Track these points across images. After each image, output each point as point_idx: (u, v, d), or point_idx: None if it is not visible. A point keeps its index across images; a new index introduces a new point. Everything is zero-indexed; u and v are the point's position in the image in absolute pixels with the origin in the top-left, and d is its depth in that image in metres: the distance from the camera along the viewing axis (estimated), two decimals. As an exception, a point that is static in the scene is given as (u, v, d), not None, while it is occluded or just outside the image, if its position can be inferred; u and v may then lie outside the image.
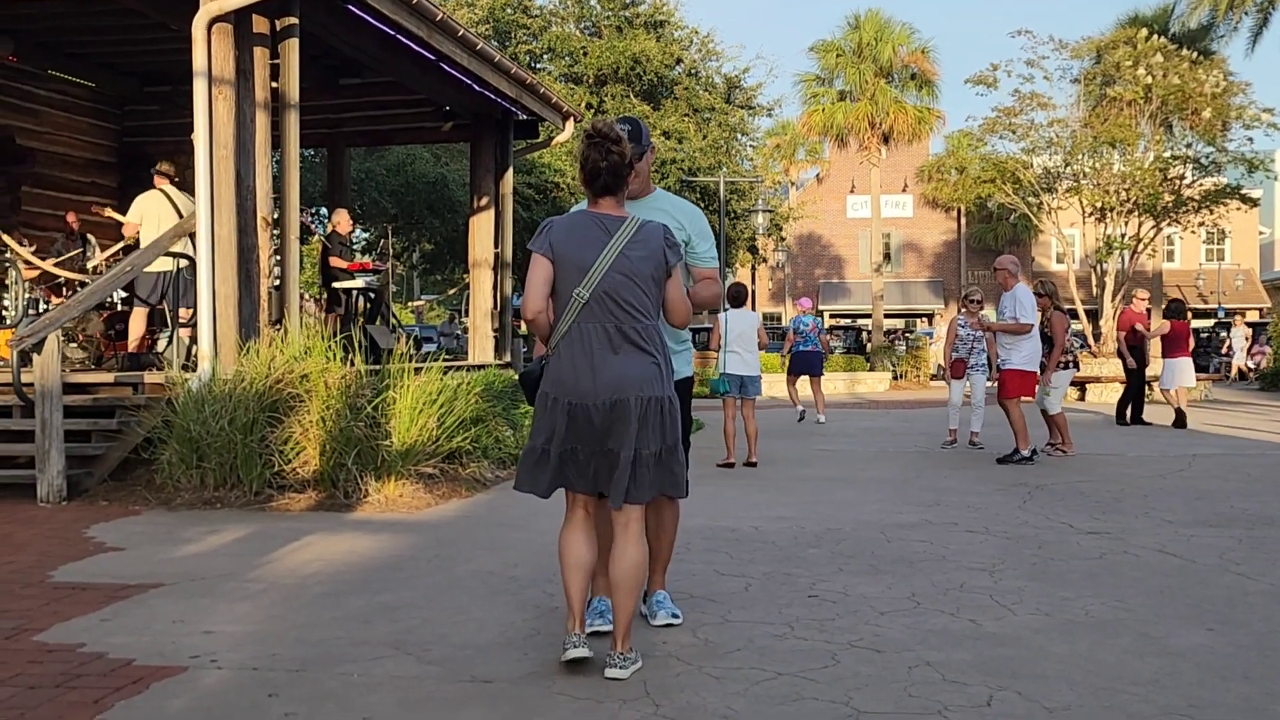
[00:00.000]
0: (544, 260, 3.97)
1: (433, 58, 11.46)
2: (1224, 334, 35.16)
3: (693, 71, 29.38)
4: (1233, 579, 5.56)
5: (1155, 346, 16.49)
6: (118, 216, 11.17)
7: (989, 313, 13.23)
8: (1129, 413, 15.73)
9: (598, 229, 3.99)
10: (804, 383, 17.14)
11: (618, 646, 3.94)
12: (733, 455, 10.43)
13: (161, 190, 10.45)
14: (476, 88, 12.77)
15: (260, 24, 9.13)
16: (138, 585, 5.34)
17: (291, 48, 9.41)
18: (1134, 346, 15.65)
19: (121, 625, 4.62)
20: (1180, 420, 15.05)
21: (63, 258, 11.75)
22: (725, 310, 10.75)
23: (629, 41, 27.22)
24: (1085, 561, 5.97)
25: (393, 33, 10.46)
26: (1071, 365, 12.01)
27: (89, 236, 12.72)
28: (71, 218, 12.57)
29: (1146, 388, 16.51)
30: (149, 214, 10.41)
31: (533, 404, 4.16)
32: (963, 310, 13.12)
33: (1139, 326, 15.75)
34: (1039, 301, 11.33)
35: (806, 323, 16.90)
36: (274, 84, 9.35)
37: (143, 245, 10.25)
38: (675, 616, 4.66)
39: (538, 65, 28.28)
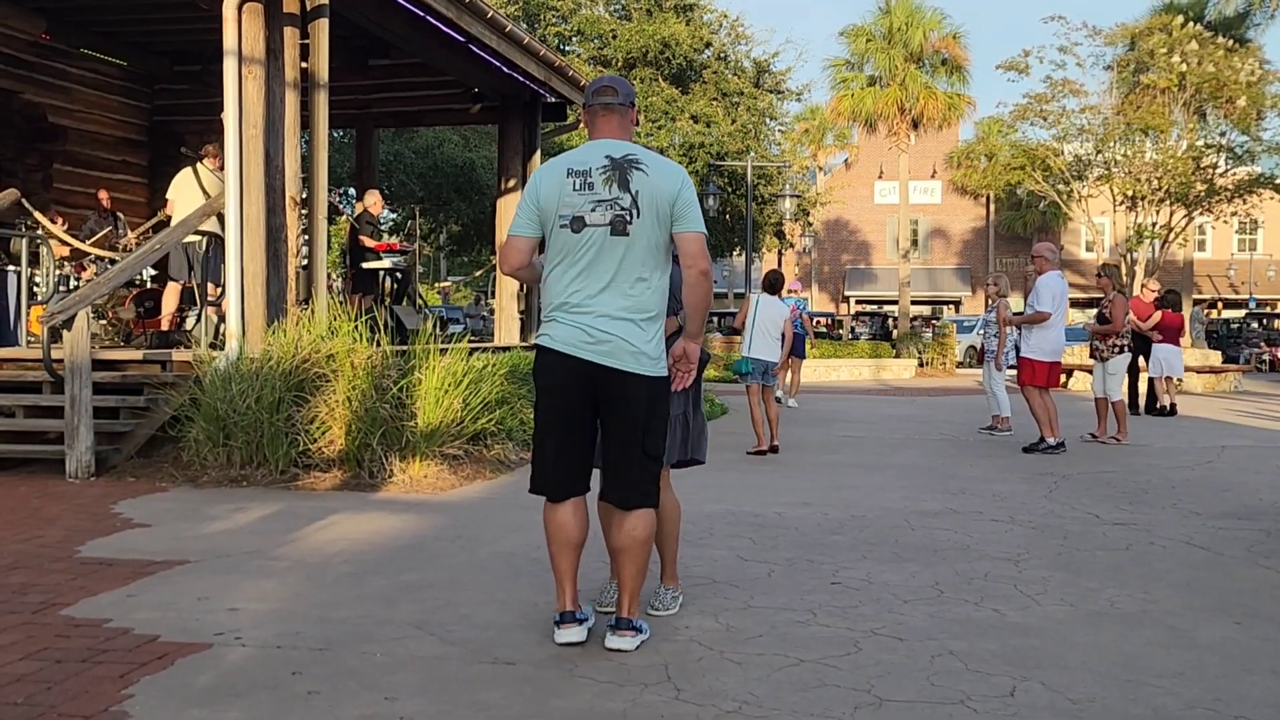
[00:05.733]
0: None
1: (462, 39, 11.45)
2: (1255, 325, 34.82)
3: (722, 55, 29.28)
4: (1261, 572, 5.51)
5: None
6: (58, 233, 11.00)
7: (1015, 300, 13.15)
8: (1141, 402, 15.68)
9: None
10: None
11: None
12: (764, 443, 10.39)
13: (194, 170, 10.51)
14: (505, 70, 12.75)
15: (290, 4, 9.14)
16: (164, 562, 5.38)
17: (321, 28, 9.42)
18: (1140, 335, 15.72)
19: (147, 601, 4.65)
20: (1166, 410, 15.35)
21: (95, 236, 11.84)
22: (757, 294, 10.71)
23: (658, 25, 27.14)
24: (1111, 552, 5.93)
25: (422, 13, 10.45)
26: (1128, 350, 11.90)
27: (119, 214, 12.80)
28: (103, 195, 12.65)
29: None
30: (179, 192, 10.50)
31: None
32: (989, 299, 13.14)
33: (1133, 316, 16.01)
34: (1099, 283, 11.20)
35: (797, 304, 16.78)
36: (304, 64, 9.36)
37: (172, 223, 10.32)
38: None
39: (567, 48, 28.26)
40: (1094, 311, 11.73)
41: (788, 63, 55.54)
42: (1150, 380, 15.67)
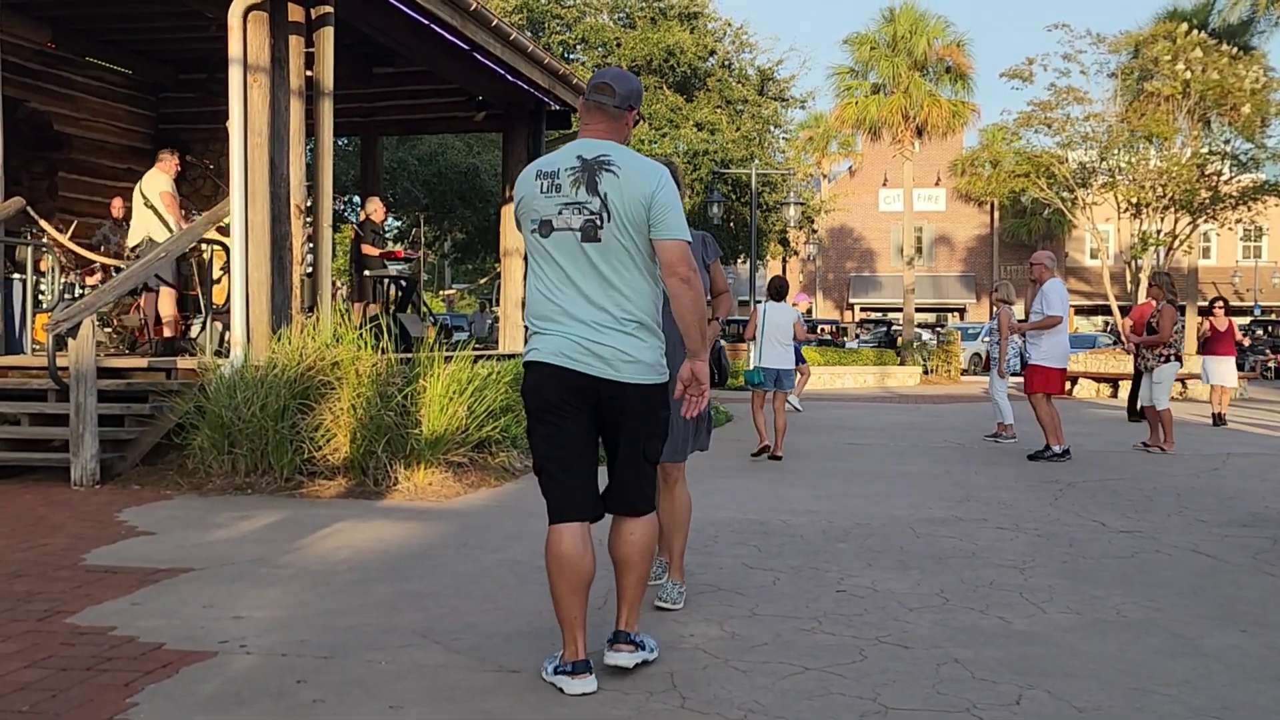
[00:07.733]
0: None
1: (466, 47, 11.47)
2: (1260, 331, 34.73)
3: (726, 63, 29.31)
4: (1267, 580, 5.49)
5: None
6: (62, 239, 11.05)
7: (1018, 309, 13.16)
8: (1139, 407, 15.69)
9: None
10: None
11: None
12: (766, 439, 10.37)
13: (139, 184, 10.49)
14: (510, 78, 12.77)
15: (295, 12, 9.16)
16: (169, 569, 5.38)
17: (326, 36, 9.45)
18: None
19: (152, 609, 4.65)
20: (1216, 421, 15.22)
21: (107, 244, 11.87)
22: (764, 302, 10.75)
23: (663, 33, 27.17)
24: (1117, 560, 5.92)
25: (426, 22, 10.47)
26: (1174, 359, 11.81)
27: (128, 223, 12.81)
28: (117, 204, 12.66)
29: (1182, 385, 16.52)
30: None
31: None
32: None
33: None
34: (1150, 292, 11.17)
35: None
36: (308, 72, 9.39)
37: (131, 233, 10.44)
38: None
39: (571, 56, 28.27)
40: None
41: (792, 70, 55.60)
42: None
